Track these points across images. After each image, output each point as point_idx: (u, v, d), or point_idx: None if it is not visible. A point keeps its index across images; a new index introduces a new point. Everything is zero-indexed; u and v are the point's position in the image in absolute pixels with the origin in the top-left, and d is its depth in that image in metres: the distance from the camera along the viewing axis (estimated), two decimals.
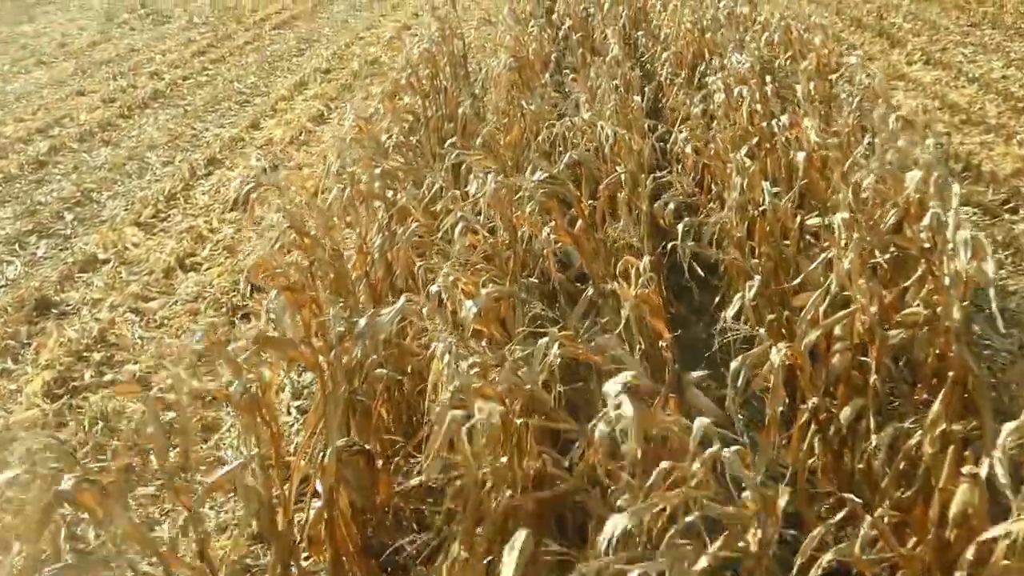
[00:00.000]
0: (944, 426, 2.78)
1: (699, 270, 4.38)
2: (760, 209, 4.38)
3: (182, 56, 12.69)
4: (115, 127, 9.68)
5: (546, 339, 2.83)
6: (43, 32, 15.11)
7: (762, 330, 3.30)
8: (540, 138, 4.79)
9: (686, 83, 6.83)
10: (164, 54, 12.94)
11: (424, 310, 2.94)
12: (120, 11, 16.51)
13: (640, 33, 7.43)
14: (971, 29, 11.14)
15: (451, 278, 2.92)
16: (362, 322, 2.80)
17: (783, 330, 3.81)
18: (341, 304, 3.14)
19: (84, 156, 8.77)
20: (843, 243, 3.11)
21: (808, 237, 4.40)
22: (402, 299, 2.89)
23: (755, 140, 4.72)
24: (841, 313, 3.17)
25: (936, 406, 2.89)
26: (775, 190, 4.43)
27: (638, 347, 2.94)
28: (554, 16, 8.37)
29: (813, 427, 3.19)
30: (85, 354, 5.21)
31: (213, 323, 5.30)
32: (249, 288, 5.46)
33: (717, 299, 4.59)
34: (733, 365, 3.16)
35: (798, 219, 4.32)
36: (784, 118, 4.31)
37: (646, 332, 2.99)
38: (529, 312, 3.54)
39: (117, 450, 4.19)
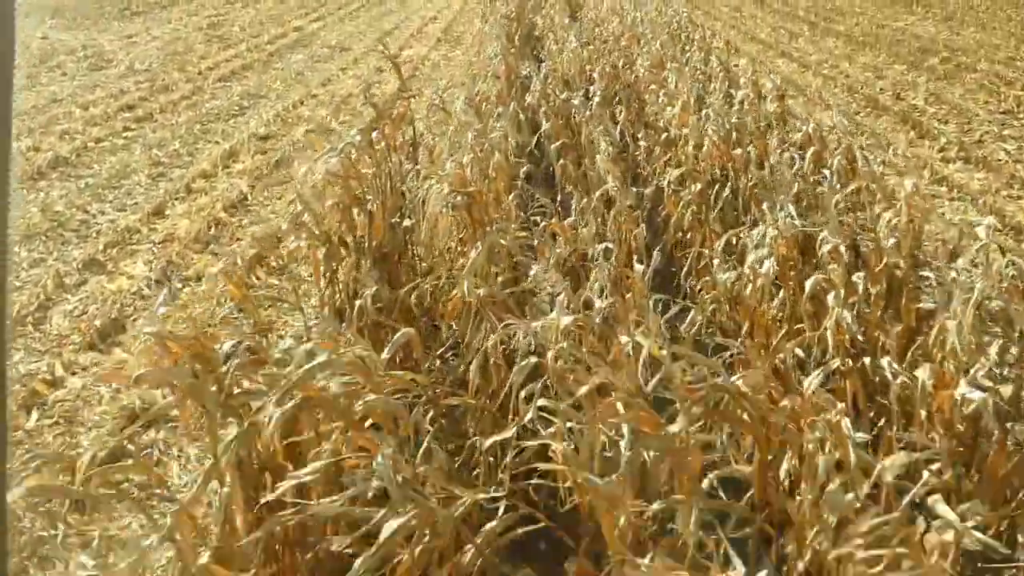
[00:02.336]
0: None
1: None
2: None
3: (106, 111, 10.68)
4: None
5: None
6: None
7: None
8: (491, 343, 2.86)
9: (699, 203, 4.95)
10: (87, 107, 10.92)
11: None
12: (58, 53, 14.51)
13: (641, 136, 5.57)
14: (1005, 117, 9.39)
15: None
16: None
17: None
18: None
19: None
20: None
21: None
22: None
23: (834, 362, 2.83)
24: None
25: None
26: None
27: None
28: (528, 97, 6.49)
29: None
30: None
31: None
32: None
33: None
34: None
35: None
36: (924, 375, 2.40)
37: None
38: None
39: None
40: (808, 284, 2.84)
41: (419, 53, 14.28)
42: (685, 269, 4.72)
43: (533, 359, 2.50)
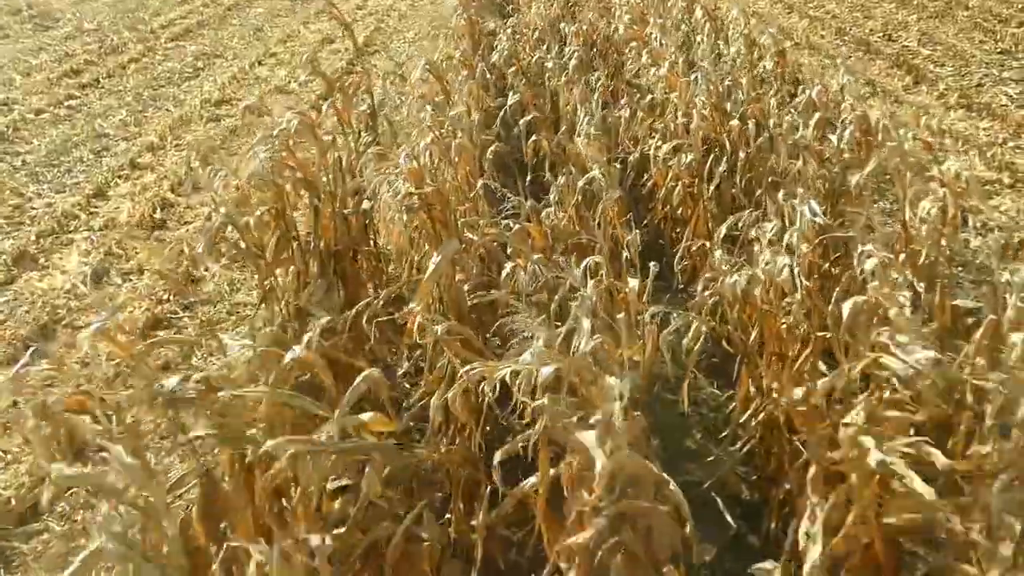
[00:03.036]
0: None
1: None
2: None
3: (49, 77, 9.88)
4: None
5: None
6: None
7: None
8: (452, 393, 2.28)
9: (690, 177, 4.35)
10: (28, 74, 10.11)
11: None
12: (1, 13, 13.54)
13: (623, 98, 4.91)
14: (1003, 58, 8.75)
15: None
16: None
17: None
18: None
19: None
20: None
21: None
22: None
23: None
24: None
25: None
26: None
27: None
28: (495, 55, 5.79)
29: None
30: None
31: None
32: None
33: None
34: None
35: None
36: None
37: None
38: None
39: None
40: (846, 309, 2.26)
41: (385, 3, 13.44)
42: (679, 255, 4.13)
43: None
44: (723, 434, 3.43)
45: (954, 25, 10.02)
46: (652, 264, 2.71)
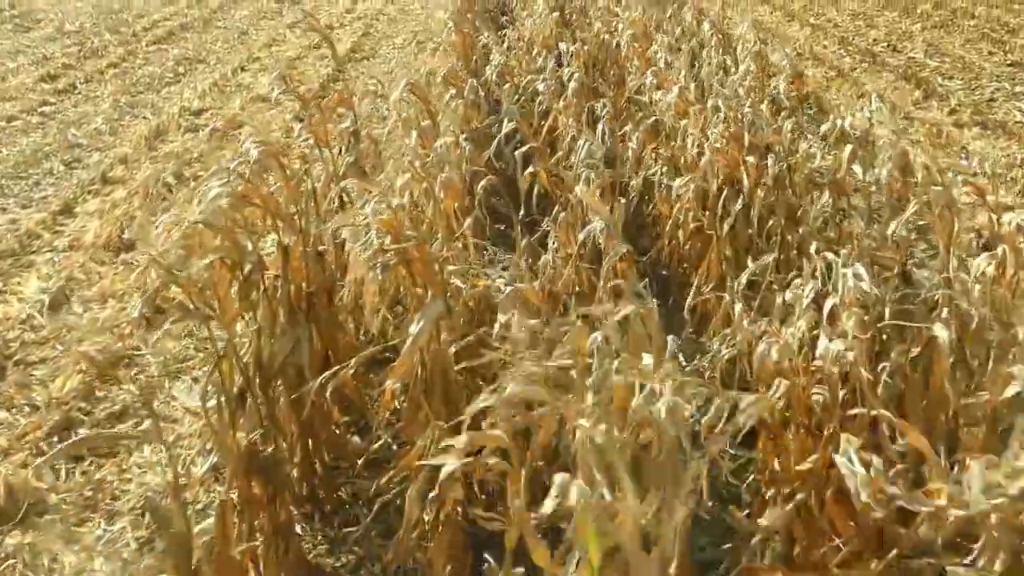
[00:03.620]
0: None
1: None
2: None
3: (24, 81, 9.41)
4: None
5: None
6: None
7: None
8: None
9: (699, 208, 3.94)
10: (4, 78, 9.64)
11: None
12: None
13: (628, 127, 4.46)
14: (1014, 71, 8.37)
15: None
16: None
17: None
18: None
19: None
20: None
21: None
22: None
23: None
24: None
25: None
26: None
27: None
28: (488, 71, 5.34)
29: None
30: None
31: None
32: None
33: None
34: None
35: None
36: None
37: None
38: None
39: None
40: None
41: (374, 7, 13.01)
42: (689, 298, 3.71)
43: None
44: (746, 511, 3.00)
45: (960, 35, 9.64)
46: (671, 338, 2.29)
